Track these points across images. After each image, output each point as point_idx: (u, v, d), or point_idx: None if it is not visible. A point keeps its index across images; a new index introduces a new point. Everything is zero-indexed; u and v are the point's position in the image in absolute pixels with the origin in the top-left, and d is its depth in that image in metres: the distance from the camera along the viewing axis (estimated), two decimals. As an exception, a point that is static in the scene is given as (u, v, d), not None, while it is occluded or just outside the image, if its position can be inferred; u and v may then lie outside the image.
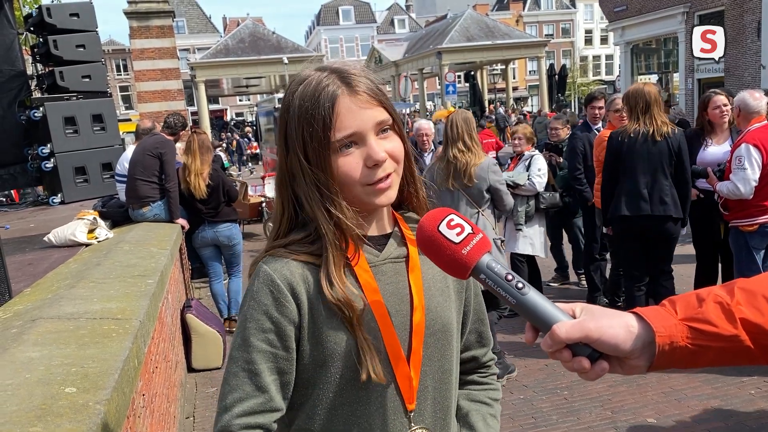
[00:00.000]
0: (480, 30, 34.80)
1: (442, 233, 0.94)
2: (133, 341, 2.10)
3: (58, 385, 1.69)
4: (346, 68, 1.10)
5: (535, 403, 3.83)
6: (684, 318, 0.86)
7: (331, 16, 60.07)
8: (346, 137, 1.05)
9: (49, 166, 6.15)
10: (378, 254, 1.14)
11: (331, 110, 1.04)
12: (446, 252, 0.93)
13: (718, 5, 17.79)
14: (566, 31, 59.92)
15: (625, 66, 23.46)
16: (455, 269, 0.94)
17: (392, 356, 1.10)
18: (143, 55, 12.06)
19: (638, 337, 0.85)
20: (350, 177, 1.06)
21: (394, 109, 1.13)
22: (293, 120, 1.08)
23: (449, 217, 0.95)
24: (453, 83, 26.68)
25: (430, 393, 1.15)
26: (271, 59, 29.35)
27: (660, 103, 4.11)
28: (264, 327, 1.06)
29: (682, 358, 0.86)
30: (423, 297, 1.14)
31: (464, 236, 0.93)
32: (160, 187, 5.16)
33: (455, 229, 0.94)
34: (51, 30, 6.34)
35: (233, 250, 5.56)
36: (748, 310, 0.84)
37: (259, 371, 1.05)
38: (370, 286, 1.10)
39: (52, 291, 2.91)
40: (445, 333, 1.17)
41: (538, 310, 0.89)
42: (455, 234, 0.93)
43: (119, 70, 52.39)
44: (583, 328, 0.85)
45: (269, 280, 1.07)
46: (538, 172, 5.25)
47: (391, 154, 1.09)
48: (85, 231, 4.30)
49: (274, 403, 1.06)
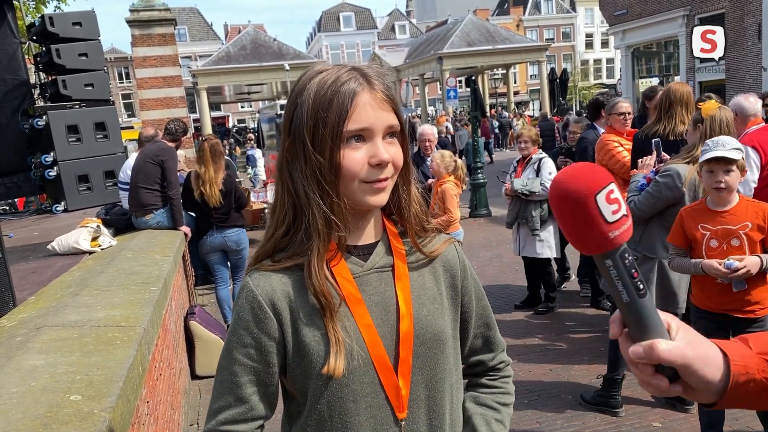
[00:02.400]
0: (481, 35, 34.90)
1: (599, 205, 0.75)
2: (137, 348, 2.10)
3: (63, 393, 1.70)
4: (366, 69, 1.12)
5: (540, 407, 3.82)
6: (760, 351, 0.82)
7: (332, 23, 60.27)
8: (358, 130, 1.06)
9: (53, 175, 6.17)
10: (362, 264, 1.14)
11: (352, 100, 1.05)
12: (593, 226, 0.75)
13: (718, 8, 17.82)
14: (567, 35, 60.02)
15: (626, 69, 23.47)
16: (591, 245, 0.78)
17: (378, 366, 1.10)
18: (145, 63, 12.10)
19: (722, 375, 0.81)
20: (352, 170, 1.06)
21: (402, 119, 1.14)
22: (306, 104, 1.08)
23: (610, 186, 0.76)
24: (454, 88, 26.71)
25: (423, 401, 1.15)
26: (273, 66, 29.43)
27: (686, 103, 4.02)
28: (245, 342, 1.11)
29: (756, 394, 0.81)
30: (411, 306, 1.14)
31: (619, 217, 0.76)
32: (162, 195, 5.17)
33: (613, 205, 0.76)
34: (54, 39, 6.37)
35: (241, 254, 5.59)
36: None
37: (239, 383, 1.11)
38: (354, 297, 1.10)
39: (56, 299, 2.91)
40: (437, 341, 1.16)
41: (647, 318, 0.80)
42: (611, 211, 0.75)
43: (121, 78, 52.60)
44: (686, 356, 0.78)
45: (252, 297, 1.10)
46: (549, 176, 5.22)
47: (393, 160, 1.09)
48: (88, 239, 4.31)
49: (254, 412, 1.12)
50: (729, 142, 2.69)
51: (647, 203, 3.32)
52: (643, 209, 3.34)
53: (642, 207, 3.34)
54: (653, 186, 3.31)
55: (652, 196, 3.30)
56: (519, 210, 5.39)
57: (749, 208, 2.77)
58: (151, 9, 11.96)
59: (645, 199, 3.33)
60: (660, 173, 3.32)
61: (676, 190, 3.18)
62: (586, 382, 4.09)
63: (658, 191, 3.27)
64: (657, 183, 3.29)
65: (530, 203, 5.32)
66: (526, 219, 5.33)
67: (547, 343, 4.88)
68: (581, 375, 4.22)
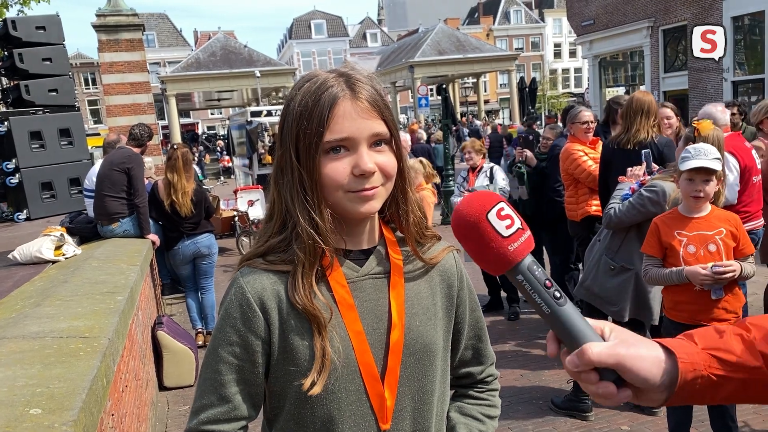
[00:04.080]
0: (451, 44, 35.26)
1: (491, 223, 0.81)
2: (101, 359, 2.05)
3: (22, 407, 1.64)
4: (354, 74, 1.09)
5: (511, 412, 3.84)
6: (706, 347, 0.82)
7: (304, 30, 60.20)
8: (338, 140, 1.04)
9: (14, 182, 6.00)
10: (358, 269, 1.12)
11: (330, 110, 1.03)
12: (490, 244, 0.81)
13: (681, 19, 18.31)
14: (536, 45, 61.04)
15: (594, 79, 23.94)
16: (493, 264, 0.83)
17: (365, 374, 1.09)
18: (112, 69, 11.88)
19: (666, 372, 0.80)
20: (335, 181, 1.04)
21: (395, 125, 1.11)
22: (291, 114, 1.07)
23: (500, 205, 0.83)
24: (425, 96, 26.93)
25: (408, 413, 1.13)
26: (243, 73, 29.22)
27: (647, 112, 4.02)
28: (231, 340, 1.08)
29: (703, 390, 0.81)
30: (403, 315, 1.12)
31: (514, 230, 0.82)
32: (129, 203, 5.08)
33: (505, 221, 0.82)
34: (16, 43, 6.22)
35: (211, 259, 5.57)
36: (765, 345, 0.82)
37: (223, 382, 1.08)
38: (346, 302, 1.09)
39: (17, 310, 2.82)
40: (427, 353, 1.14)
41: (571, 325, 0.81)
42: (504, 227, 0.81)
43: (87, 83, 51.59)
44: (617, 354, 0.79)
45: (240, 293, 1.08)
46: (504, 181, 5.50)
47: (382, 168, 1.07)
48: (51, 247, 4.20)
49: (237, 412, 1.09)
50: (710, 151, 2.72)
51: (628, 213, 3.36)
52: (622, 218, 3.38)
53: (621, 216, 3.38)
54: (637, 198, 3.34)
55: (634, 208, 3.33)
56: None
57: (720, 216, 2.81)
58: (118, 14, 11.76)
59: (627, 210, 3.36)
60: (646, 187, 3.35)
61: (659, 207, 3.20)
62: (557, 386, 4.13)
63: (642, 204, 3.30)
64: (641, 196, 3.32)
65: None
66: None
67: (517, 349, 4.92)
68: (552, 380, 4.26)
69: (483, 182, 5.50)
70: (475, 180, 5.57)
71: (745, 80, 17.15)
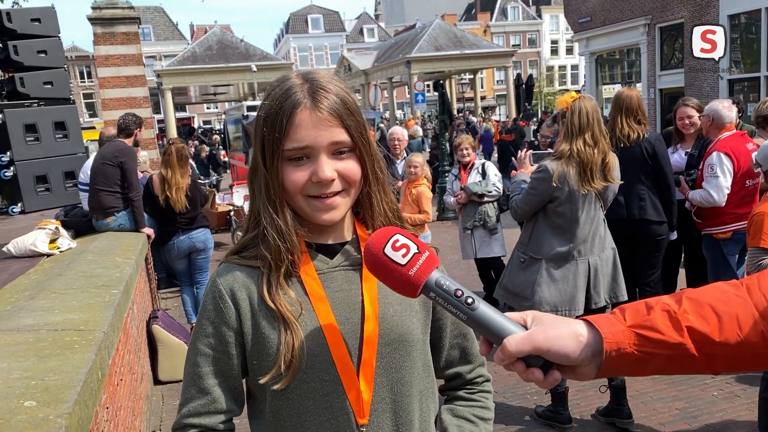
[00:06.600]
0: (448, 40, 35.22)
1: (388, 256, 0.91)
2: (96, 353, 2.05)
3: (16, 399, 1.64)
4: (320, 80, 1.08)
5: (505, 408, 3.85)
6: (632, 325, 0.86)
7: (300, 25, 60.00)
8: (297, 149, 1.05)
9: (9, 175, 5.96)
10: (328, 261, 1.13)
11: (289, 119, 1.04)
12: (394, 274, 0.91)
13: (678, 17, 18.33)
14: (533, 42, 60.99)
15: (590, 76, 23.94)
16: (405, 290, 0.92)
17: (340, 367, 1.08)
18: (108, 62, 11.81)
19: (587, 345, 0.85)
20: (294, 186, 1.07)
21: (359, 132, 1.08)
22: (260, 118, 1.09)
23: (394, 237, 0.93)
24: (422, 92, 26.88)
25: (388, 405, 1.12)
26: (239, 67, 29.16)
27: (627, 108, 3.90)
28: (207, 332, 1.10)
29: (630, 365, 0.86)
30: (377, 307, 1.12)
31: (410, 257, 0.91)
32: (123, 197, 5.06)
33: (400, 251, 0.92)
34: (11, 35, 6.17)
35: (207, 254, 5.56)
36: (695, 318, 0.84)
37: (202, 374, 1.10)
38: (317, 294, 1.09)
39: (11, 303, 2.82)
40: (403, 343, 1.13)
41: (489, 325, 0.88)
42: (401, 255, 0.91)
43: (83, 77, 51.32)
44: (533, 340, 0.84)
45: (214, 287, 1.11)
46: (496, 177, 5.51)
47: (343, 174, 1.07)
48: (46, 241, 4.19)
49: (217, 405, 1.10)
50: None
51: (525, 201, 3.38)
52: (523, 206, 3.40)
53: (522, 204, 3.41)
54: (529, 184, 3.39)
55: (528, 194, 3.37)
56: (475, 212, 5.47)
57: None
58: (114, 7, 11.68)
59: (522, 198, 3.40)
60: (533, 173, 3.40)
61: (547, 183, 3.23)
62: (539, 396, 4.04)
63: (533, 187, 3.34)
64: (531, 180, 3.37)
65: (486, 205, 5.44)
66: (484, 221, 5.44)
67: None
68: (535, 389, 4.18)
69: (475, 179, 5.51)
70: (468, 177, 5.57)
71: (741, 78, 17.18)
